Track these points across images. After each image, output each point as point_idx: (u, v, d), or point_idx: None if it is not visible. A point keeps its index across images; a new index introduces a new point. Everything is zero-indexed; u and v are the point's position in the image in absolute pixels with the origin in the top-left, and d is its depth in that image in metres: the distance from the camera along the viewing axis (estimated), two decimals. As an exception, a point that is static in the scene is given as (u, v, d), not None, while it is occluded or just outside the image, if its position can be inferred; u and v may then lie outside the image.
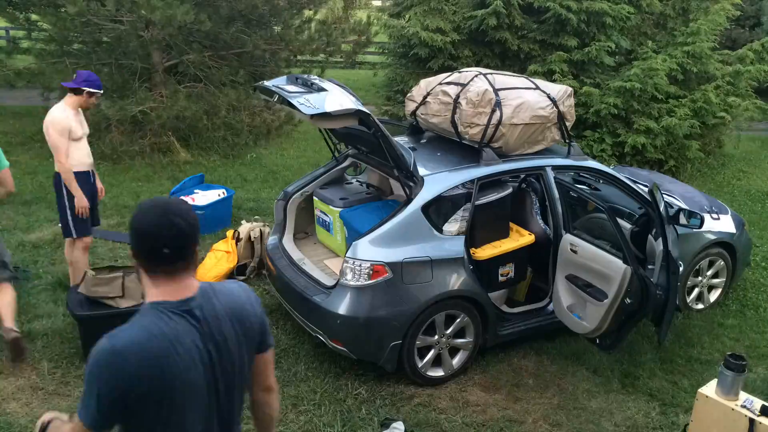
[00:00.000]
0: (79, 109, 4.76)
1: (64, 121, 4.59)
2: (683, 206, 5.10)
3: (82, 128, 4.75)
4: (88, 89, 4.64)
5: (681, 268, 4.45)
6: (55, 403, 3.95)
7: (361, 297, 4.03)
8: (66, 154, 4.62)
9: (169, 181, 8.25)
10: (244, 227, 5.73)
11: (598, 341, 4.34)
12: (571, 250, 4.31)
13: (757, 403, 3.24)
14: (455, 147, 4.71)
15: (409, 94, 5.11)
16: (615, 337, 4.25)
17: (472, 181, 4.33)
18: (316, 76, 4.28)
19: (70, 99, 4.68)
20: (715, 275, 5.39)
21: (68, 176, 4.66)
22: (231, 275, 5.47)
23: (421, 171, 4.23)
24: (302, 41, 10.17)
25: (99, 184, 5.13)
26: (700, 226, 4.88)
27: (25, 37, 10.00)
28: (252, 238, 5.63)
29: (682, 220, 4.73)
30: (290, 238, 5.05)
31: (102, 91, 4.80)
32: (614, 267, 4.01)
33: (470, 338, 4.39)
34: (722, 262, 5.34)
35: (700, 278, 5.31)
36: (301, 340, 4.74)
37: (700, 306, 5.39)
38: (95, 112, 8.82)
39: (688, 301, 5.30)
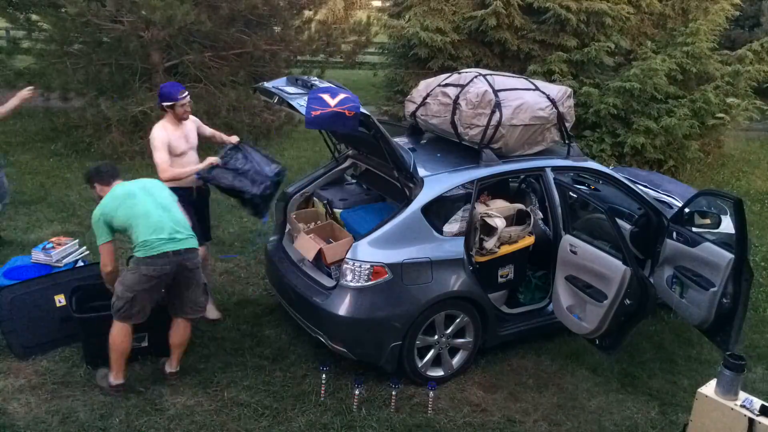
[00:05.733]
0: (180, 123, 4.66)
1: (162, 137, 4.55)
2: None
3: (185, 143, 4.66)
4: (163, 104, 4.59)
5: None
6: (55, 404, 3.96)
7: (361, 298, 4.04)
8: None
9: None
10: None
11: (597, 342, 4.34)
12: (570, 250, 4.32)
13: (757, 402, 3.25)
14: (455, 148, 4.72)
15: (408, 96, 5.12)
16: (615, 337, 4.26)
17: (471, 182, 4.35)
18: (315, 78, 4.29)
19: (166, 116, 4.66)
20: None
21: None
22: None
23: (421, 172, 4.24)
24: (302, 42, 10.17)
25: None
26: (717, 227, 4.86)
27: (25, 38, 10.00)
28: None
29: (698, 221, 4.71)
30: (291, 238, 5.06)
31: (181, 97, 4.56)
32: (614, 268, 4.02)
33: (470, 338, 4.41)
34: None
35: None
36: (301, 340, 4.75)
37: None
38: (96, 113, 8.84)
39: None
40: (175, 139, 4.59)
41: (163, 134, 4.55)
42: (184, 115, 4.65)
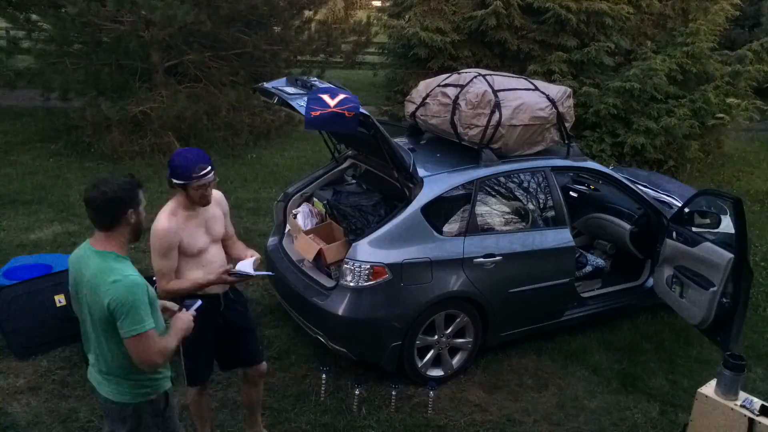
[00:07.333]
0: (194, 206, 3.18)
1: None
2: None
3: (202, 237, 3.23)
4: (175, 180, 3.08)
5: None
6: (54, 403, 3.96)
7: (360, 298, 4.04)
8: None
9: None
10: None
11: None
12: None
13: (757, 402, 3.25)
14: (454, 148, 4.72)
15: (408, 96, 5.13)
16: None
17: (471, 182, 4.35)
18: (315, 78, 4.28)
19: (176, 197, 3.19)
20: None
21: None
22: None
23: (421, 172, 4.24)
24: (302, 42, 10.18)
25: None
26: (717, 227, 4.86)
27: (25, 38, 10.00)
28: None
29: (697, 220, 4.70)
30: (290, 239, 5.06)
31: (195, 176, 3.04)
32: None
33: (470, 338, 4.41)
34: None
35: None
36: (301, 340, 4.75)
37: None
38: (96, 113, 8.84)
39: None
40: (188, 235, 3.17)
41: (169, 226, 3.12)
42: (202, 200, 3.16)
